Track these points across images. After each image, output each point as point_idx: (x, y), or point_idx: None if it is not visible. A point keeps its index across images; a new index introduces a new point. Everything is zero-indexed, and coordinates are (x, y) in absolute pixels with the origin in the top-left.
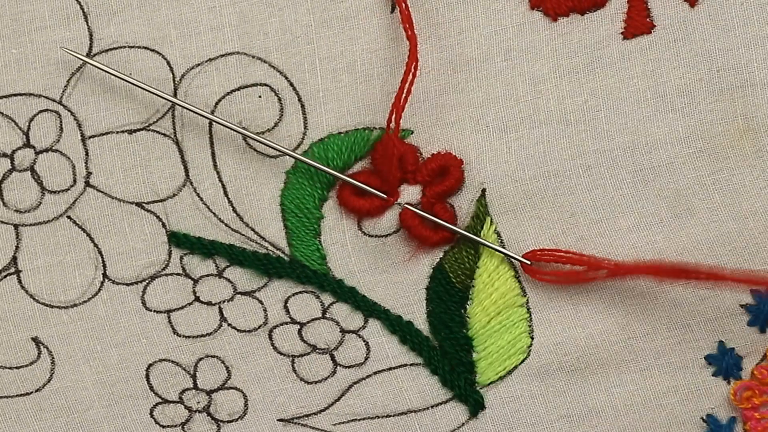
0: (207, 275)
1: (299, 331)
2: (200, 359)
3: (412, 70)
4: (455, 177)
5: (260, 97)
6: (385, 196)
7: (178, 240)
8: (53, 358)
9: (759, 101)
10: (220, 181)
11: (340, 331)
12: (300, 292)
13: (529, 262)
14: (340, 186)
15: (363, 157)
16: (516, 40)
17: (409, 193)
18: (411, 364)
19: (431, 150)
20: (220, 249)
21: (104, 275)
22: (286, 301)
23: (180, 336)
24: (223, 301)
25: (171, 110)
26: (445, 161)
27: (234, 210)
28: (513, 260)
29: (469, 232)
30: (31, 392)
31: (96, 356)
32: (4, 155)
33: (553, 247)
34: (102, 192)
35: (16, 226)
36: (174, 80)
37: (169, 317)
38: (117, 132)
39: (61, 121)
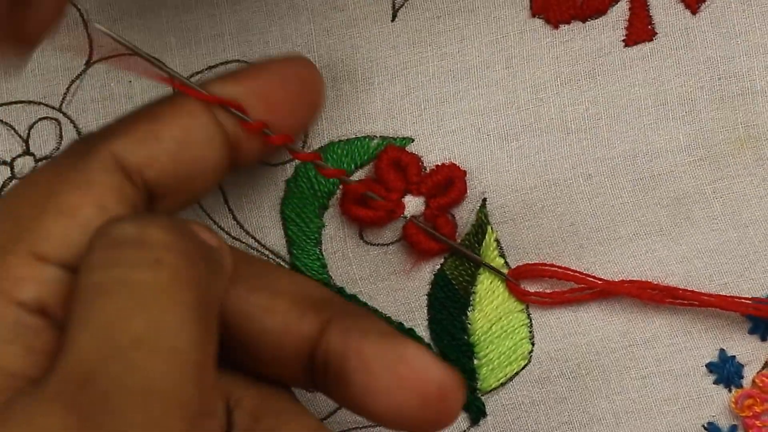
0: None
1: None
2: None
3: None
4: (459, 189)
5: None
6: (392, 208)
7: None
8: None
9: (760, 109)
10: (221, 188)
11: None
12: None
13: (516, 282)
14: (343, 195)
15: (363, 165)
16: (517, 47)
17: (412, 205)
18: None
19: (432, 158)
20: None
21: None
22: None
23: None
24: None
25: None
26: (449, 173)
27: (234, 218)
28: (511, 268)
29: (469, 241)
30: None
31: None
32: (4, 163)
33: (538, 261)
34: None
35: None
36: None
37: None
38: None
39: (60, 129)
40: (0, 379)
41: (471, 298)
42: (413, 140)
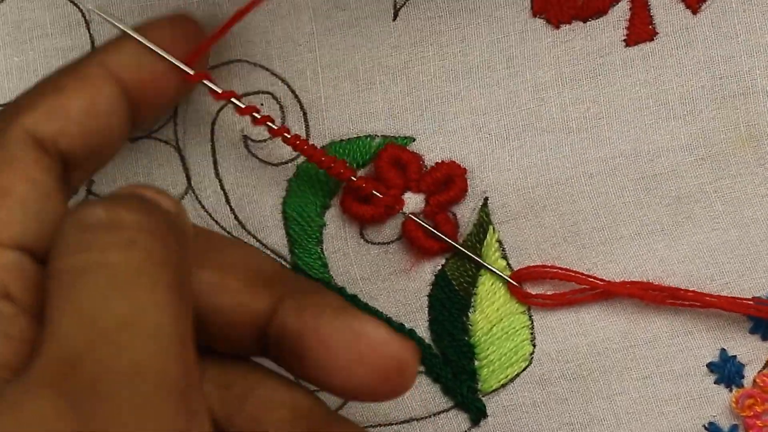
0: None
1: None
2: None
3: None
4: (459, 186)
5: (262, 104)
6: (391, 204)
7: None
8: None
9: (761, 109)
10: (222, 188)
11: None
12: None
13: (517, 284)
14: (344, 193)
15: (366, 164)
16: (518, 47)
17: (413, 202)
18: None
19: (433, 157)
20: None
21: None
22: None
23: None
24: None
25: (173, 118)
26: (449, 170)
27: (236, 218)
28: (513, 269)
29: (471, 241)
30: None
31: None
32: None
33: (540, 263)
34: None
35: None
36: None
37: None
38: None
39: None
40: None
41: (472, 299)
42: (414, 139)
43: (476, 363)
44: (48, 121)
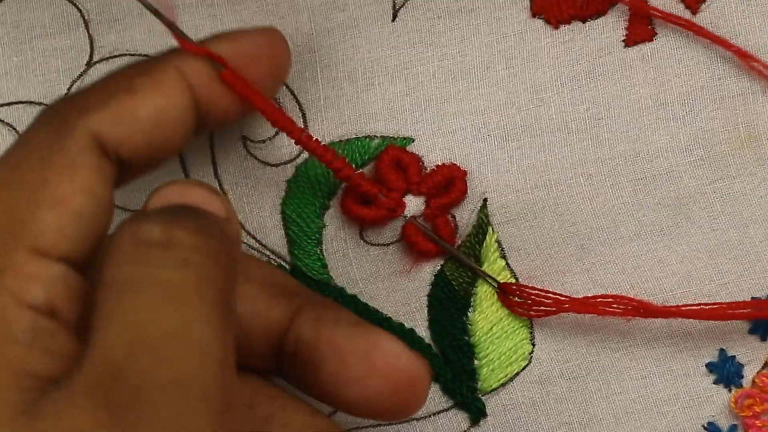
0: None
1: None
2: None
3: None
4: (460, 189)
5: None
6: (393, 207)
7: None
8: None
9: (760, 109)
10: (221, 189)
11: None
12: None
13: (505, 292)
14: (344, 194)
15: (364, 165)
16: (517, 48)
17: (413, 204)
18: None
19: (432, 158)
20: None
21: None
22: None
23: None
24: None
25: None
26: (450, 173)
27: None
28: (512, 269)
29: (470, 242)
30: None
31: None
32: None
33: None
34: None
35: None
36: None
37: None
38: None
39: None
40: (25, 380)
41: (471, 299)
42: (414, 140)
43: (476, 362)
44: (115, 125)
